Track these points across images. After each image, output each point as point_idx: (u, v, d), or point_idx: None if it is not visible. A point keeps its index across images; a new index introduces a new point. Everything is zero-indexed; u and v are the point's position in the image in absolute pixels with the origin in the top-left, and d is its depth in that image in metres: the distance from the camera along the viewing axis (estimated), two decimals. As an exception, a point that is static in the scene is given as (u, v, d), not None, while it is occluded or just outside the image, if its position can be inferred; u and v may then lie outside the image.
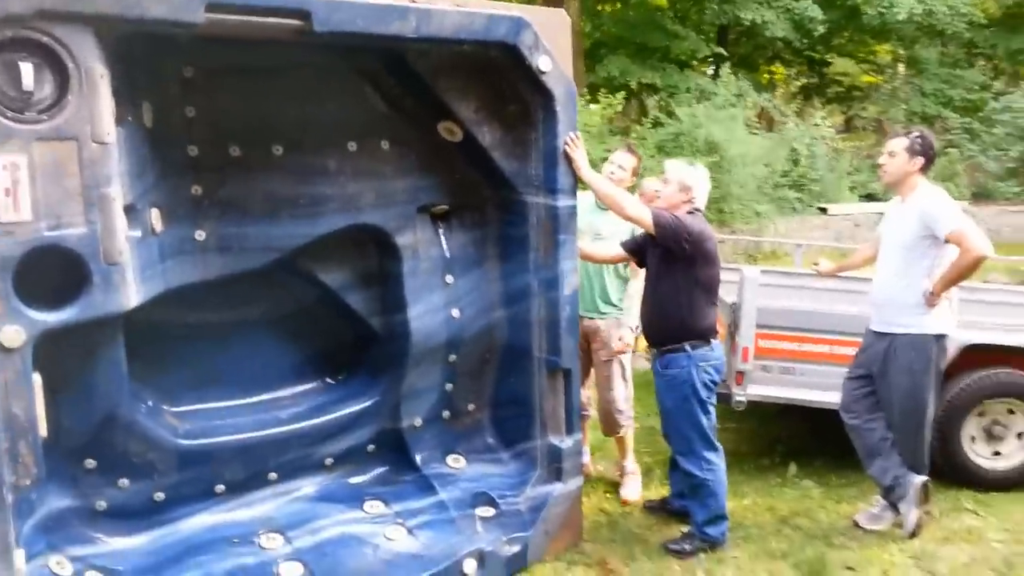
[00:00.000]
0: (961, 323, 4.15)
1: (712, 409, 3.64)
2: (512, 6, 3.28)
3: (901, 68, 19.01)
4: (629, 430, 4.30)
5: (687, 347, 3.55)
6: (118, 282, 2.49)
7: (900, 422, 3.75)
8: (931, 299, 3.61)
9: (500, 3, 3.26)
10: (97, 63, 2.40)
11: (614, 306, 4.16)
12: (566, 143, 3.39)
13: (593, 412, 4.46)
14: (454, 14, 2.96)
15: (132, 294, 2.56)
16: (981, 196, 14.84)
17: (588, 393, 4.40)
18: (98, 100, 2.41)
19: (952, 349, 4.03)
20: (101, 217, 2.42)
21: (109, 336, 2.64)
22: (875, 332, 3.80)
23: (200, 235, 3.00)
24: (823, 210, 13.02)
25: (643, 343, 6.94)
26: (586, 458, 4.35)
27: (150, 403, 3.01)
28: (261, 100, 3.08)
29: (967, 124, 15.68)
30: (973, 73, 18.34)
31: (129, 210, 2.58)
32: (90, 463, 2.83)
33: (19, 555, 2.36)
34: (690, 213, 3.59)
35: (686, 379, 3.56)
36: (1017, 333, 4.32)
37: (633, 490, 4.22)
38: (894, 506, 3.83)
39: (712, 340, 3.61)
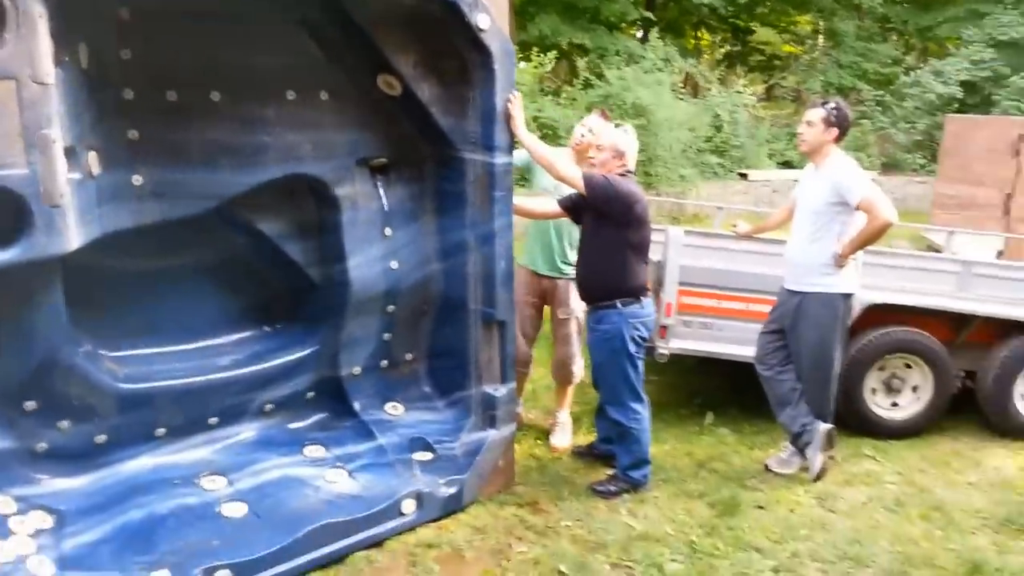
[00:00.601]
0: (864, 284, 4.45)
1: (640, 363, 3.84)
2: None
3: (821, 40, 19.56)
4: (575, 382, 4.48)
5: (618, 304, 3.72)
6: (59, 224, 2.48)
7: (808, 373, 4.03)
8: (839, 261, 3.87)
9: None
10: (35, 2, 2.35)
11: (564, 268, 4.25)
12: (508, 101, 3.47)
13: (531, 370, 4.59)
14: (397, -32, 2.99)
15: (72, 237, 2.55)
16: (890, 167, 15.56)
17: (533, 353, 4.51)
18: (37, 40, 2.37)
19: (856, 308, 4.35)
20: (42, 159, 2.40)
21: (49, 278, 2.64)
22: (788, 290, 4.06)
23: (137, 180, 2.97)
24: (743, 176, 13.46)
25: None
26: (519, 408, 4.54)
27: (89, 347, 3.00)
28: (199, 45, 3.04)
29: (880, 97, 16.33)
30: (887, 47, 19.07)
31: (68, 152, 2.55)
32: (30, 405, 2.82)
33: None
34: (622, 175, 3.73)
35: (617, 334, 3.73)
36: (914, 295, 4.64)
37: (563, 438, 4.41)
38: (801, 452, 4.12)
39: (643, 298, 3.79)
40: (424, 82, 3.45)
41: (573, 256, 4.22)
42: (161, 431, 3.23)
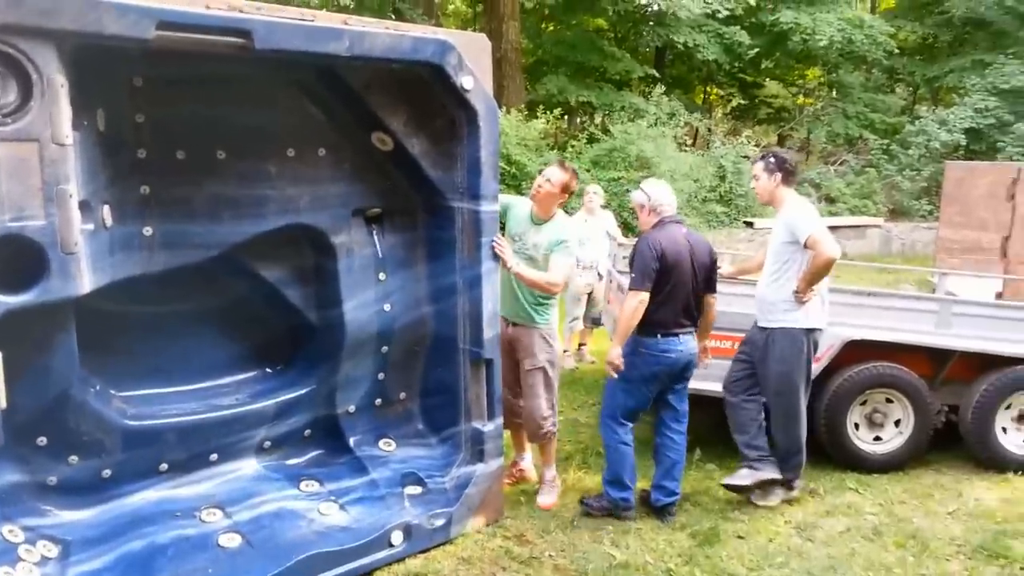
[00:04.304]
0: (844, 322, 4.61)
1: (637, 393, 4.04)
2: (440, 30, 3.62)
3: (833, 92, 19.92)
4: (553, 437, 4.27)
5: (634, 335, 3.97)
6: (73, 270, 2.73)
7: (774, 403, 4.24)
8: (799, 297, 4.07)
9: (429, 27, 3.58)
10: (57, 73, 2.64)
11: (535, 316, 4.15)
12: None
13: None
14: (384, 36, 3.28)
15: (85, 282, 2.80)
16: (897, 213, 15.72)
17: (520, 402, 4.24)
18: (58, 106, 2.65)
19: (836, 344, 4.51)
20: (59, 211, 2.67)
21: (63, 321, 2.89)
22: (758, 326, 4.27)
23: (147, 231, 3.25)
24: (749, 224, 13.67)
25: (574, 343, 7.28)
26: (522, 461, 4.49)
27: (99, 387, 3.24)
28: (206, 108, 3.33)
29: (885, 145, 16.58)
30: (894, 98, 19.39)
31: (83, 206, 2.82)
32: (42, 440, 3.05)
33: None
34: (656, 225, 4.05)
35: (627, 361, 3.98)
36: (891, 331, 4.78)
37: (549, 498, 4.24)
38: (787, 483, 4.26)
39: (659, 334, 3.96)
40: (414, 138, 3.72)
41: (543, 304, 4.17)
42: (164, 466, 3.44)
